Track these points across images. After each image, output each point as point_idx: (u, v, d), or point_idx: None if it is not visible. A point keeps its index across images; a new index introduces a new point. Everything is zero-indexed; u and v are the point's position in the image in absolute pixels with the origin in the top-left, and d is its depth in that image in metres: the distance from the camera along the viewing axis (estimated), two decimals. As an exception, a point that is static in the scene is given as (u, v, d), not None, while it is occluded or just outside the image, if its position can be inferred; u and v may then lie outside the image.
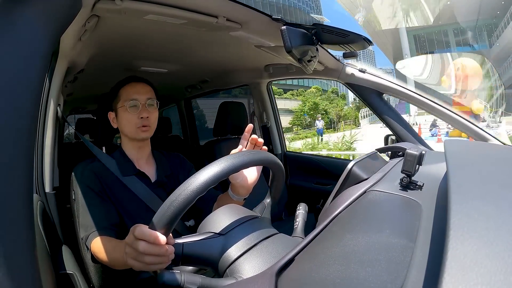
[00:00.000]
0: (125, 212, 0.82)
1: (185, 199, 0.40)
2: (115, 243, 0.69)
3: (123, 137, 0.91)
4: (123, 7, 0.73)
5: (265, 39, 1.06)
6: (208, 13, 0.84)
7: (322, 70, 1.33)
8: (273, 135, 1.89)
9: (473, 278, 0.19)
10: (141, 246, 0.43)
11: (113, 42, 1.04)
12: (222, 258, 0.43)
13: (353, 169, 0.59)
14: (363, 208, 0.45)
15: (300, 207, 0.60)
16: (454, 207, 0.28)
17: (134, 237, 0.44)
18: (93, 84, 1.71)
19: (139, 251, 0.43)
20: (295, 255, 0.35)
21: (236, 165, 0.44)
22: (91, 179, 0.82)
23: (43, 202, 0.89)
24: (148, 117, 0.85)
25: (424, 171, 0.53)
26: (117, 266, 0.66)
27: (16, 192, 0.29)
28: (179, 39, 1.09)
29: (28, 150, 0.31)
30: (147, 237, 0.42)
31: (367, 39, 0.96)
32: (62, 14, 0.38)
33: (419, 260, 0.29)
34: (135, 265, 0.46)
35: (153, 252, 0.43)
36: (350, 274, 0.29)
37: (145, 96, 0.86)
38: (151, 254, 0.43)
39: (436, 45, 19.36)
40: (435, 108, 1.16)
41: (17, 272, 0.27)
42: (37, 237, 0.66)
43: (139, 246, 0.43)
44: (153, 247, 0.42)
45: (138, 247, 0.43)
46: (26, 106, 0.31)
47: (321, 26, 0.92)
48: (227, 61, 1.50)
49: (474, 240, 0.23)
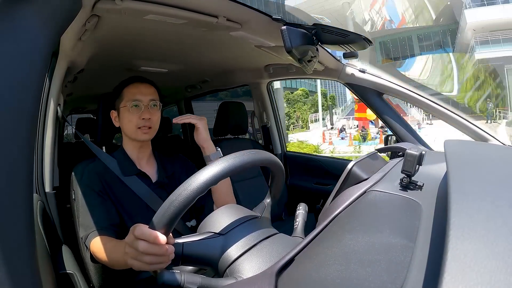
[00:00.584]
0: (126, 212, 0.82)
1: (185, 199, 0.40)
2: (114, 243, 0.69)
3: (124, 137, 0.91)
4: (123, 7, 0.73)
5: (265, 39, 1.06)
6: (208, 13, 0.84)
7: (322, 70, 1.33)
8: (273, 135, 1.89)
9: (473, 278, 0.19)
10: (141, 246, 0.43)
11: (113, 42, 1.04)
12: (222, 258, 0.43)
13: (353, 169, 0.59)
14: (363, 208, 0.45)
15: (300, 207, 0.60)
16: (454, 207, 0.28)
17: (134, 237, 0.44)
18: (93, 84, 1.71)
19: (139, 250, 0.43)
20: (295, 255, 0.35)
21: (236, 165, 0.44)
22: (91, 179, 0.82)
23: (43, 202, 0.89)
24: (150, 119, 0.85)
25: (424, 171, 0.53)
26: (116, 266, 0.66)
27: (16, 192, 0.29)
28: (179, 39, 1.09)
29: (28, 150, 0.31)
30: (147, 236, 0.42)
31: (367, 39, 0.96)
32: (62, 14, 0.38)
33: (419, 260, 0.29)
34: (135, 265, 0.46)
35: (153, 252, 0.43)
36: (350, 274, 0.29)
37: (148, 97, 0.86)
38: (151, 253, 0.43)
39: (401, 51, 19.45)
40: (435, 108, 1.16)
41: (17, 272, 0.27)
42: (37, 237, 0.66)
43: (139, 246, 0.43)
44: (153, 247, 0.42)
45: (138, 246, 0.43)
46: (26, 106, 0.31)
47: (321, 26, 0.92)
48: (227, 61, 1.50)
49: (474, 240, 0.23)
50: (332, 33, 0.92)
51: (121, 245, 0.61)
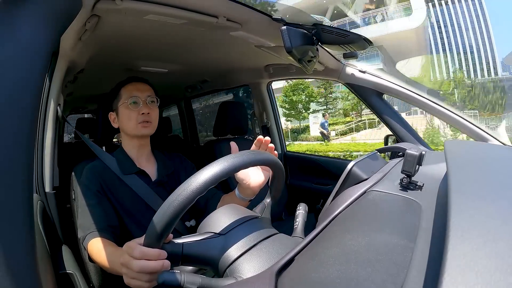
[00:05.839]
0: (125, 211, 0.82)
1: (185, 199, 0.40)
2: (111, 249, 0.68)
3: (123, 136, 0.91)
4: (123, 7, 0.73)
5: (265, 39, 1.06)
6: (208, 13, 0.84)
7: (322, 70, 1.33)
8: (273, 135, 1.89)
9: (473, 278, 0.19)
10: (136, 266, 0.44)
11: (113, 42, 1.04)
12: (222, 258, 0.43)
13: (353, 169, 0.59)
14: (363, 208, 0.45)
15: (300, 207, 0.60)
16: (454, 207, 0.28)
17: (128, 257, 0.45)
18: (93, 84, 1.71)
19: (135, 271, 0.44)
20: (295, 255, 0.35)
21: (237, 165, 0.44)
22: (91, 179, 0.82)
23: (43, 202, 0.89)
24: (149, 113, 0.87)
25: (424, 171, 0.53)
26: (111, 271, 0.66)
27: (16, 192, 0.29)
28: (179, 39, 1.09)
29: (28, 150, 0.31)
30: (143, 256, 0.43)
31: (367, 39, 0.96)
32: (62, 14, 0.38)
33: (419, 260, 0.29)
34: (134, 284, 0.47)
35: (150, 270, 0.44)
36: (350, 274, 0.29)
37: (145, 94, 0.89)
38: (149, 272, 0.44)
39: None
40: (435, 108, 1.16)
41: (17, 272, 0.27)
42: (37, 237, 0.66)
43: (134, 266, 0.44)
44: (149, 265, 0.43)
45: (133, 267, 0.44)
46: (26, 106, 0.31)
47: (321, 26, 0.92)
48: (227, 61, 1.50)
49: (474, 240, 0.23)
50: (332, 33, 0.92)
51: (117, 253, 0.62)
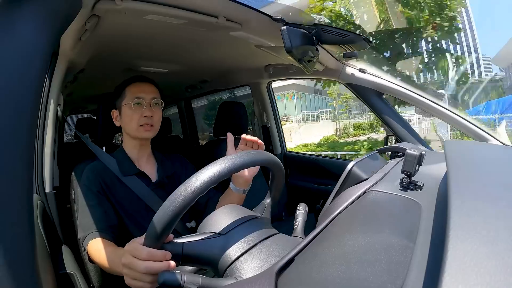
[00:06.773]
0: (125, 212, 0.82)
1: (185, 199, 0.40)
2: (111, 249, 0.68)
3: (125, 136, 0.91)
4: (123, 7, 0.73)
5: (265, 39, 1.06)
6: (208, 13, 0.84)
7: (322, 70, 1.33)
8: (273, 135, 1.89)
9: (473, 278, 0.19)
10: (142, 267, 0.43)
11: (113, 42, 1.04)
12: (222, 258, 0.43)
13: (353, 169, 0.59)
14: (363, 208, 0.45)
15: (300, 207, 0.60)
16: (454, 207, 0.28)
17: (132, 257, 0.44)
18: (93, 84, 1.71)
19: (141, 272, 0.43)
20: (295, 255, 0.35)
21: (237, 165, 0.44)
22: (91, 179, 0.82)
23: (43, 202, 0.89)
24: (152, 116, 0.86)
25: (424, 171, 0.53)
26: (112, 272, 0.65)
27: (16, 192, 0.29)
28: (179, 39, 1.09)
29: (28, 150, 0.31)
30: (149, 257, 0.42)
31: (367, 39, 0.96)
32: (62, 14, 0.38)
33: (419, 260, 0.29)
34: (136, 285, 0.46)
35: (155, 271, 0.43)
36: (350, 274, 0.28)
37: (150, 96, 0.87)
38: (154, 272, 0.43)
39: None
40: (436, 108, 1.16)
41: (17, 272, 0.27)
42: (37, 237, 0.66)
43: (140, 267, 0.43)
44: (155, 265, 0.43)
45: (138, 268, 0.43)
46: (26, 106, 0.31)
47: (321, 26, 0.92)
48: (227, 61, 1.50)
49: (474, 240, 0.23)
50: (332, 33, 0.92)
51: (118, 254, 0.61)
